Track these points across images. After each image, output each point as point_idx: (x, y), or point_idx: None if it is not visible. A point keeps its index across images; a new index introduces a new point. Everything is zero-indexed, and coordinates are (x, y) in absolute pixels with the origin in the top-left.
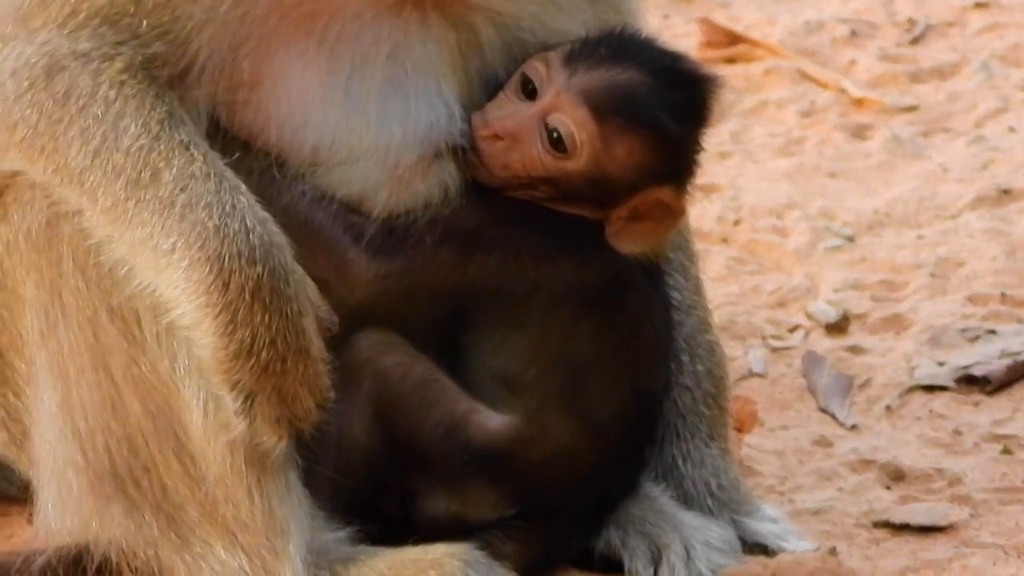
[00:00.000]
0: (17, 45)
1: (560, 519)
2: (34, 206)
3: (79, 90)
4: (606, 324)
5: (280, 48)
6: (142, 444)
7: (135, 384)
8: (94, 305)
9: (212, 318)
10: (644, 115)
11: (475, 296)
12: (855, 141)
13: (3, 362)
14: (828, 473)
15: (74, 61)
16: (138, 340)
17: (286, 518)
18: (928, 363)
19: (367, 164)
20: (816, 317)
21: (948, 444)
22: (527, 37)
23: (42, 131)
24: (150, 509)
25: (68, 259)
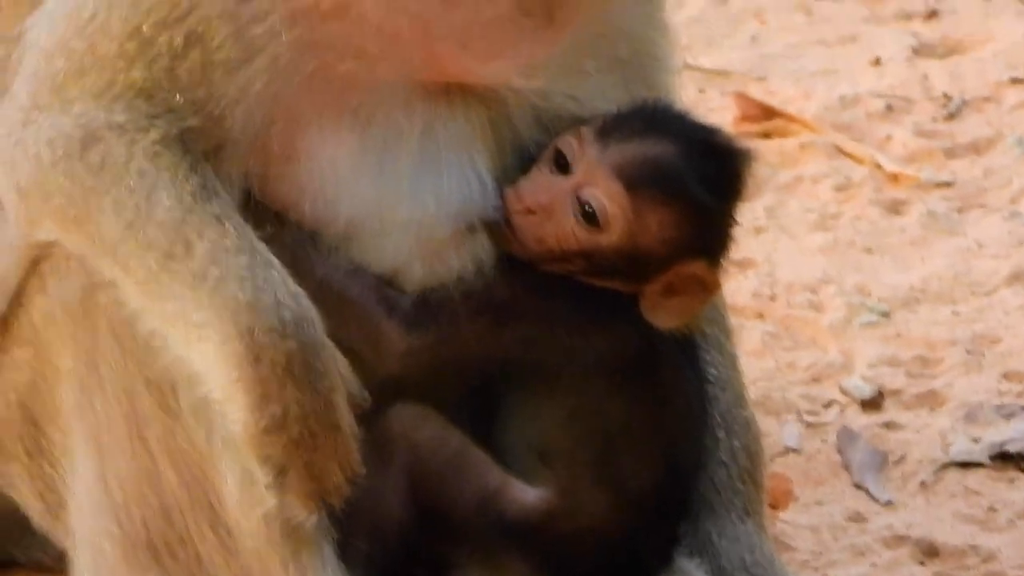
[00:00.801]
0: (53, 115)
1: None
2: (70, 277)
3: (114, 160)
4: (639, 397)
5: (313, 123)
6: (178, 515)
7: (171, 455)
8: (131, 376)
9: (244, 392)
10: (677, 188)
11: (509, 369)
12: (890, 216)
13: (39, 433)
14: (862, 549)
15: (109, 132)
16: (174, 411)
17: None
18: (963, 440)
19: (401, 237)
20: (851, 393)
21: (983, 521)
22: (559, 112)
23: (76, 201)
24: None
25: (105, 330)
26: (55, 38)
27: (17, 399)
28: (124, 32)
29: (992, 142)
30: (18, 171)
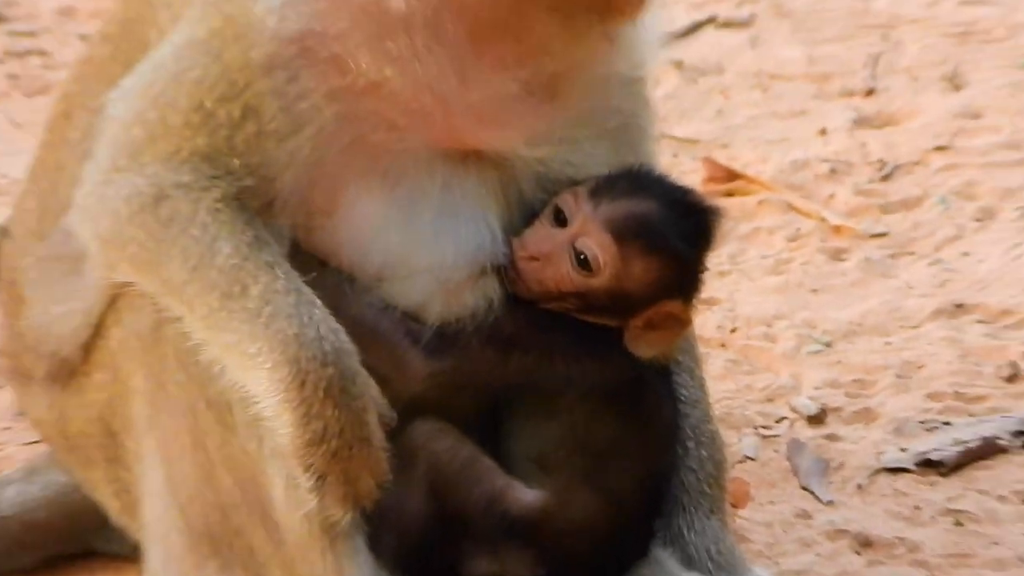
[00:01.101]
0: (130, 176)
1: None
2: (142, 312)
3: (181, 215)
4: (624, 416)
5: (350, 184)
6: (233, 512)
7: (228, 462)
8: (193, 396)
9: (290, 411)
10: (658, 240)
11: (513, 390)
12: (833, 262)
13: (116, 443)
14: (808, 541)
15: (177, 191)
16: (230, 426)
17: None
18: (893, 449)
19: (423, 279)
20: (799, 410)
21: (909, 517)
22: (558, 175)
23: (149, 249)
24: (240, 567)
25: (171, 357)
26: (132, 111)
27: (98, 414)
28: (190, 106)
29: (920, 200)
30: (99, 223)
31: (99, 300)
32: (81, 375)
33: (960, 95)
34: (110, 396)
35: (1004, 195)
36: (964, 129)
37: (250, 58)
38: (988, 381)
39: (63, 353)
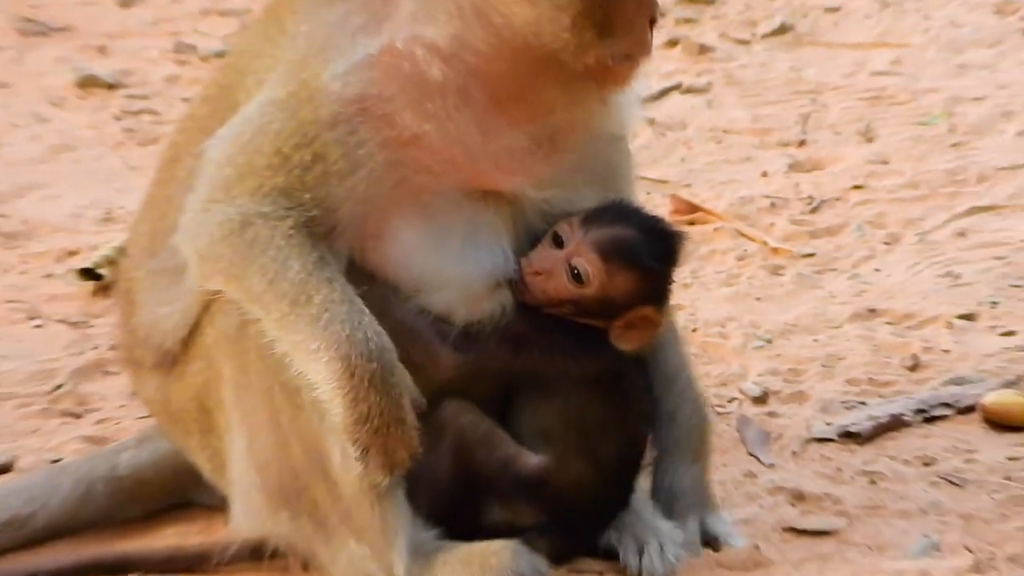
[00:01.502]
0: (223, 206)
1: (576, 525)
2: (230, 315)
3: (261, 239)
4: (609, 399)
5: (396, 215)
6: (301, 473)
7: (296, 434)
8: (269, 382)
9: (341, 396)
10: (636, 259)
11: (522, 378)
12: (773, 277)
13: (209, 417)
14: (753, 496)
15: (259, 219)
16: (299, 405)
17: (395, 523)
18: (820, 424)
19: (452, 291)
20: (746, 393)
21: (832, 477)
22: (558, 210)
23: (236, 264)
24: (306, 516)
25: (252, 351)
26: (225, 154)
27: (194, 395)
28: (271, 152)
29: (840, 228)
30: (198, 243)
31: (195, 304)
32: (181, 363)
33: (872, 146)
34: (204, 380)
35: (907, 224)
36: (875, 172)
37: (319, 115)
38: (895, 370)
39: (167, 346)
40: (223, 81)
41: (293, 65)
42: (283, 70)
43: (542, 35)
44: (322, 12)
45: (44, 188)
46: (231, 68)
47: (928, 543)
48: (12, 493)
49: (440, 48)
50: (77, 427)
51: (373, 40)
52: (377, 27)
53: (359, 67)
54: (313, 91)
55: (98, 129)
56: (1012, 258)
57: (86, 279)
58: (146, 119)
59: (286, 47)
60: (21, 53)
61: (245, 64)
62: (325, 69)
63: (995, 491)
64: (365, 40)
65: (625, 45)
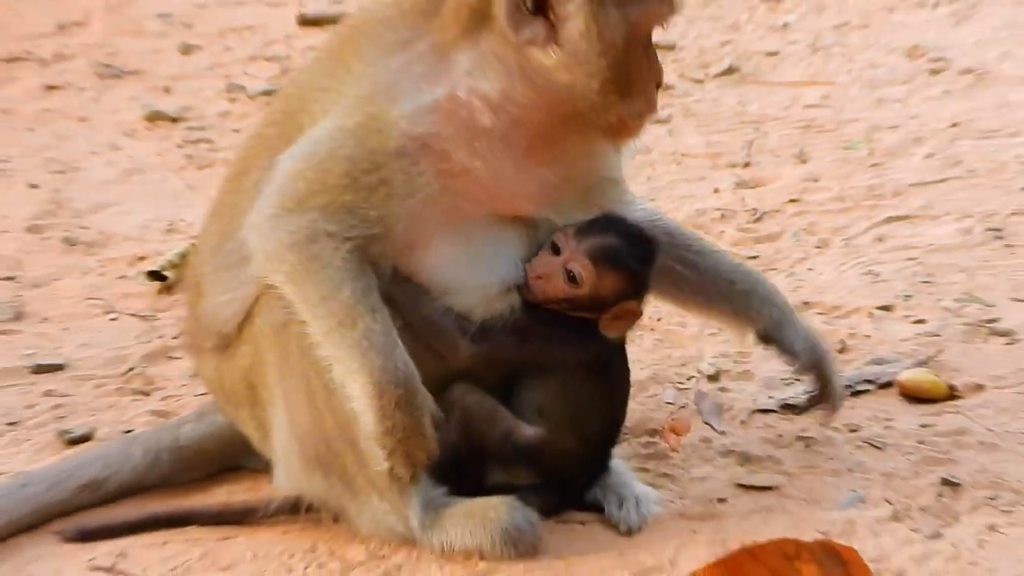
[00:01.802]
0: (294, 216)
1: (565, 485)
2: (276, 310)
3: (323, 256)
4: (596, 384)
5: (435, 232)
6: (334, 443)
7: (330, 411)
8: (307, 367)
9: (372, 411)
10: (621, 263)
11: (526, 364)
12: None
13: (255, 394)
14: (708, 458)
15: (325, 236)
16: (331, 388)
17: (411, 483)
18: (764, 397)
19: (473, 294)
20: (703, 371)
21: (774, 441)
22: (561, 224)
23: (297, 271)
24: (336, 477)
25: (294, 341)
26: (297, 169)
27: (244, 375)
28: (341, 173)
29: (779, 235)
30: (267, 244)
31: (251, 295)
32: (234, 347)
33: (805, 166)
34: (252, 363)
35: (834, 231)
36: (808, 188)
37: (387, 146)
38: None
39: (224, 331)
40: (288, 108)
41: (359, 100)
42: (349, 103)
43: (575, 97)
44: (387, 59)
45: (118, 205)
46: (296, 97)
47: (855, 497)
48: (91, 459)
49: (491, 100)
50: (145, 403)
51: (436, 88)
52: (436, 77)
53: (425, 110)
54: (382, 124)
55: (163, 156)
56: (922, 259)
57: (153, 280)
58: (203, 147)
59: (351, 84)
60: (99, 93)
61: (310, 95)
62: (393, 107)
63: (910, 453)
64: (428, 87)
65: (639, 105)
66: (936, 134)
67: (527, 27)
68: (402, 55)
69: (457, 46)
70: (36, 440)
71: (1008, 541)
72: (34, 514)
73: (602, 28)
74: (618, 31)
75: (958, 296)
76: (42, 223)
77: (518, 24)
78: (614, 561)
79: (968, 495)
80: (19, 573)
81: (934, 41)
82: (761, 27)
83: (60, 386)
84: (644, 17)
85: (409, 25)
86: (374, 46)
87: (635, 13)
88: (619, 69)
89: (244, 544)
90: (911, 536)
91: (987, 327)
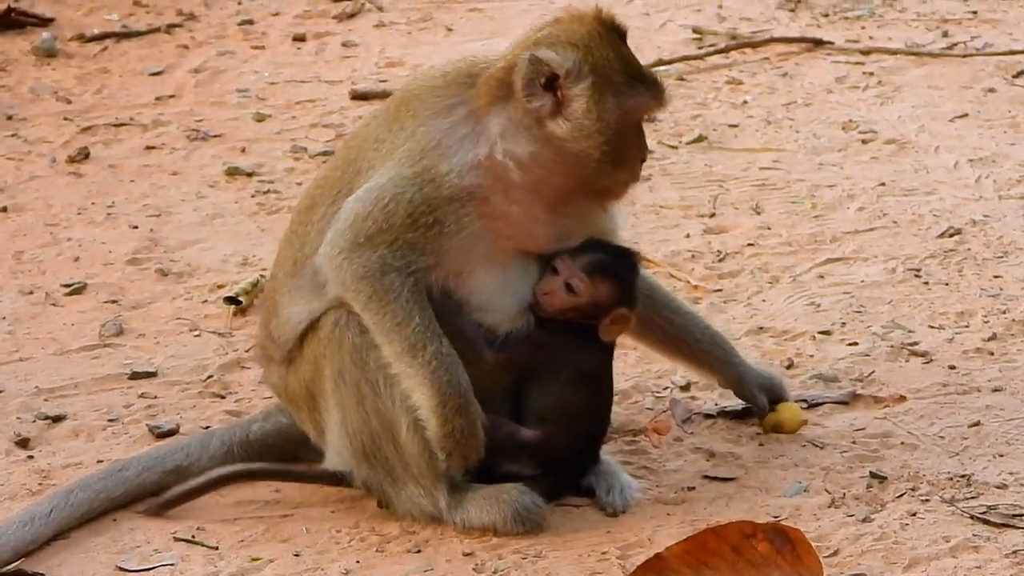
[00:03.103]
0: (366, 252)
1: (561, 475)
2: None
3: (394, 288)
4: (589, 393)
5: (478, 263)
6: (379, 440)
7: (376, 413)
8: (357, 377)
9: (435, 418)
10: (611, 271)
11: (536, 369)
12: (694, 304)
13: (313, 399)
14: (680, 454)
15: (393, 270)
16: (379, 394)
17: (440, 473)
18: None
19: (499, 312)
20: (676, 383)
21: (734, 441)
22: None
23: (373, 300)
24: (380, 467)
25: (347, 356)
26: (365, 209)
27: (305, 384)
28: (405, 214)
29: (738, 272)
30: (344, 276)
31: (316, 313)
32: (297, 360)
33: (760, 216)
34: (312, 376)
35: (783, 270)
36: (762, 235)
37: (441, 194)
38: (776, 369)
39: (290, 345)
40: (348, 156)
41: (412, 153)
42: (403, 155)
43: (580, 161)
44: (435, 120)
45: (202, 243)
46: (355, 148)
47: (800, 486)
48: (177, 450)
49: (522, 161)
50: (222, 404)
51: (478, 148)
52: (476, 139)
53: (470, 166)
54: (435, 176)
55: (239, 203)
56: (855, 293)
57: (229, 304)
58: (272, 196)
59: (404, 138)
60: (189, 152)
61: (368, 145)
62: (442, 162)
63: (845, 451)
64: (471, 147)
65: (625, 175)
66: (866, 192)
67: (538, 99)
68: (447, 118)
69: (490, 111)
70: (132, 434)
71: (926, 525)
72: (128, 494)
73: (600, 111)
74: (613, 115)
75: (884, 323)
76: (140, 257)
77: (531, 96)
78: (603, 538)
79: (893, 487)
80: (115, 543)
81: (864, 117)
82: (725, 104)
83: (152, 390)
84: (635, 108)
85: (452, 93)
86: (424, 108)
87: (628, 103)
88: (612, 145)
89: (300, 521)
90: (846, 520)
91: (908, 349)
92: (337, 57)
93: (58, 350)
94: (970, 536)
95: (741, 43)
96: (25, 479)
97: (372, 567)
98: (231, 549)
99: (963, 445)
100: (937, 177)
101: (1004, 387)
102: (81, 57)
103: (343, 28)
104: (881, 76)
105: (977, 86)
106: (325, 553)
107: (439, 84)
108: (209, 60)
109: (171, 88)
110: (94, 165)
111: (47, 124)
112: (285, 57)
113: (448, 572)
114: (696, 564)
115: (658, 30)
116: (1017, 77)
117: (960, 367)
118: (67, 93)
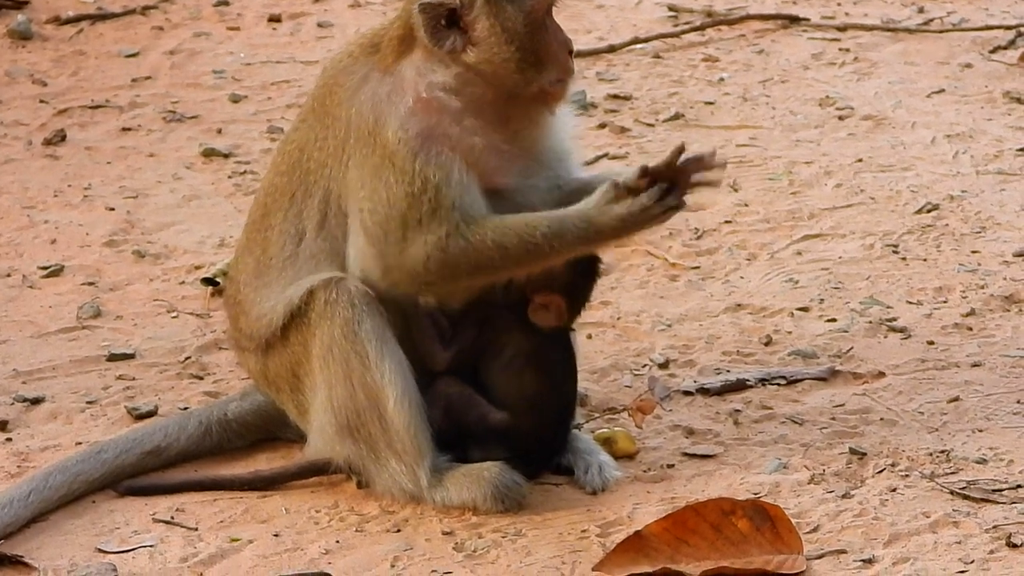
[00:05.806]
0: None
1: (529, 459)
2: (325, 307)
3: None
4: (540, 374)
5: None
6: (363, 415)
7: (364, 388)
8: (348, 351)
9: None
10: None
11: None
12: (671, 283)
13: (297, 379)
14: (660, 431)
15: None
16: (367, 366)
17: (423, 450)
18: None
19: None
20: (654, 360)
21: (712, 418)
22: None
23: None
24: (363, 443)
25: (338, 331)
26: (380, 211)
27: (290, 365)
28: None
29: (716, 249)
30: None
31: (287, 309)
32: (279, 346)
33: (737, 194)
34: (299, 357)
35: (761, 247)
36: (740, 211)
37: (405, 155)
38: (755, 346)
39: (265, 337)
40: (291, 160)
41: (363, 135)
42: (357, 142)
43: (502, 79)
44: (358, 96)
45: (179, 224)
46: (296, 151)
47: (779, 463)
48: (154, 431)
49: (448, 85)
50: (200, 385)
51: (405, 96)
52: (399, 90)
53: (407, 115)
54: (390, 145)
55: (216, 185)
56: (833, 269)
57: (206, 285)
58: (248, 177)
59: (342, 127)
60: (165, 134)
61: (310, 146)
62: (386, 128)
63: (824, 428)
64: (399, 99)
65: (555, 73)
66: (843, 168)
67: (446, 40)
68: (366, 87)
69: (398, 65)
70: (110, 415)
71: (905, 500)
72: (107, 475)
73: (503, 22)
74: (517, 20)
75: (862, 300)
76: (117, 239)
77: (439, 39)
78: (582, 516)
79: (872, 463)
80: (95, 525)
81: (841, 93)
82: (701, 82)
83: (130, 371)
84: (535, 6)
85: (362, 64)
86: (344, 91)
87: (527, 4)
88: (527, 50)
89: (279, 501)
90: (826, 496)
91: (886, 325)
92: (313, 38)
93: (36, 332)
94: (950, 511)
95: (717, 20)
96: (3, 462)
97: (351, 547)
98: (210, 530)
99: (942, 420)
100: (914, 153)
101: (983, 362)
102: (56, 39)
103: (318, 8)
104: (857, 52)
105: (953, 62)
106: (304, 533)
107: (348, 63)
108: (185, 42)
109: (147, 70)
110: (70, 147)
111: (23, 107)
112: (260, 38)
113: (427, 551)
114: (676, 542)
115: (634, 8)
116: (993, 52)
117: (939, 343)
118: (43, 76)
